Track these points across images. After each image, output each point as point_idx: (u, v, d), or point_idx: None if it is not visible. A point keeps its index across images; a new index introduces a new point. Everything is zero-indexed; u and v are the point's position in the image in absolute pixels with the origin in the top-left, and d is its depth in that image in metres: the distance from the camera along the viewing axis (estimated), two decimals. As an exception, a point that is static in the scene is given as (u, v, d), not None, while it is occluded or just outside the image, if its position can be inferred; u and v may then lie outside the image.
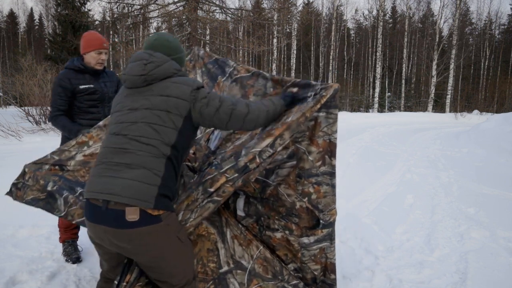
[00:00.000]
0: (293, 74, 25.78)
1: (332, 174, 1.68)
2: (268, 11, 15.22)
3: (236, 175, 1.54)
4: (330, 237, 1.77)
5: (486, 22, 34.36)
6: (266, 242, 1.92)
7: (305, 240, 1.80)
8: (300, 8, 30.79)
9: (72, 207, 1.84)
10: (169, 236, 1.39)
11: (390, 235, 3.13)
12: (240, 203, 1.92)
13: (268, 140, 1.56)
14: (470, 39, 34.61)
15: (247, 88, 1.96)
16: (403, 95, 29.52)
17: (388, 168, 6.01)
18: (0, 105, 21.24)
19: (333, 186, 1.70)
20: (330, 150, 1.66)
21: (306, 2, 37.18)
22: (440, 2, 26.61)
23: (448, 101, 25.90)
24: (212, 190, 1.53)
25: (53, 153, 2.04)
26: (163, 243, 1.37)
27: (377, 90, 25.74)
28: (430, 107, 25.88)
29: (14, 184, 2.02)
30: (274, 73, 24.90)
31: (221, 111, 1.46)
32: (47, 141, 6.65)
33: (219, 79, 2.20)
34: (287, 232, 1.83)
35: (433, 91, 25.84)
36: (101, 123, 2.16)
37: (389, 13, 38.77)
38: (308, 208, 1.73)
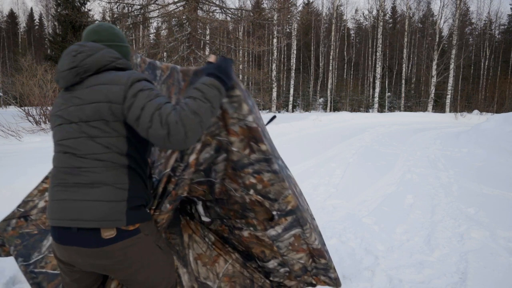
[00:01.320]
0: (293, 74, 25.80)
1: (268, 160, 1.47)
2: (268, 11, 15.21)
3: (159, 200, 1.48)
4: (299, 222, 1.62)
5: (486, 22, 34.36)
6: (239, 242, 1.81)
7: (272, 232, 1.63)
8: (300, 8, 30.86)
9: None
10: (149, 246, 1.31)
11: (390, 235, 3.13)
12: (200, 209, 1.82)
13: (174, 156, 1.48)
14: (470, 39, 34.60)
15: (170, 88, 1.76)
16: (403, 95, 29.52)
17: (388, 168, 6.01)
18: (0, 105, 21.24)
19: (275, 172, 1.49)
20: (252, 136, 1.43)
21: (306, 2, 37.18)
22: (440, 2, 26.63)
23: (448, 101, 25.91)
24: None
25: (18, 206, 1.99)
26: (144, 254, 1.30)
27: (377, 90, 25.77)
28: (430, 107, 25.89)
29: None
30: (274, 73, 24.90)
31: (140, 122, 1.14)
32: (47, 141, 6.63)
33: (155, 85, 2.08)
34: (251, 228, 1.68)
35: (433, 91, 25.85)
36: None
37: (389, 13, 38.79)
38: (257, 200, 1.57)
